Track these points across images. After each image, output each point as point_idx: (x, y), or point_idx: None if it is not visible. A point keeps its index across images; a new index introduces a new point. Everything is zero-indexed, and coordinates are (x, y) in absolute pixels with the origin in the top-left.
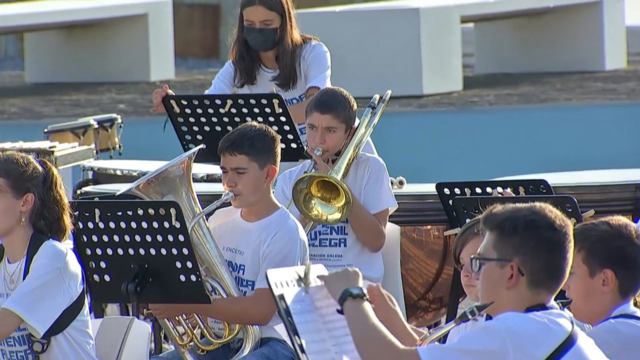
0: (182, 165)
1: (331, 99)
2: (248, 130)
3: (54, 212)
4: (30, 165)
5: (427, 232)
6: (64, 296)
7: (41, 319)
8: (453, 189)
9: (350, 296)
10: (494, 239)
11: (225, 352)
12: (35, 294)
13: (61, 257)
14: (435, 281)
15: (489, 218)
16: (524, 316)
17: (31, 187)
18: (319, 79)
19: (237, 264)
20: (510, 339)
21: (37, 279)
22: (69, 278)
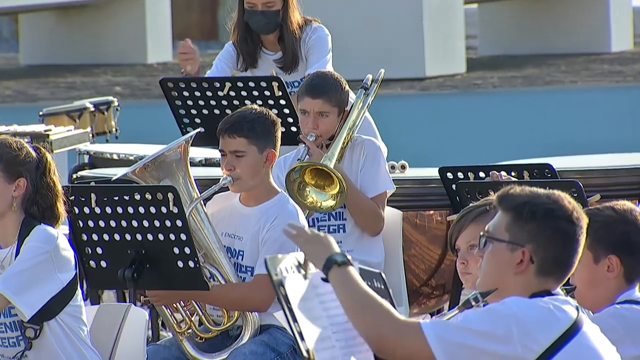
0: (179, 149)
1: (322, 83)
2: (248, 112)
3: (47, 199)
4: (24, 150)
5: (430, 217)
6: (54, 281)
7: (28, 302)
8: (456, 173)
9: (336, 264)
10: (509, 221)
11: (224, 339)
12: (23, 276)
13: (52, 241)
14: (438, 267)
15: (506, 198)
16: (529, 301)
17: (24, 172)
18: (319, 65)
19: (236, 250)
20: (516, 324)
21: (26, 261)
22: (60, 262)
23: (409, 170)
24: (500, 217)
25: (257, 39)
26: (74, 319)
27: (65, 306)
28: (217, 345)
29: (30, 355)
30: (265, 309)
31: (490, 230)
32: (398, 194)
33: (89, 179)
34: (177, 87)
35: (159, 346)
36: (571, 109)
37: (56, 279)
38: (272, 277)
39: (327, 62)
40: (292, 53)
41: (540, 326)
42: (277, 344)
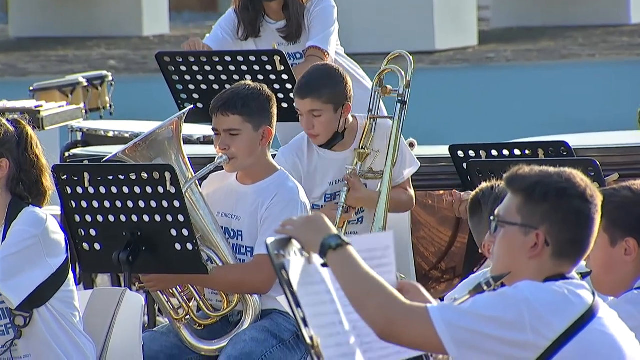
0: (172, 127)
1: (309, 82)
2: (241, 89)
3: (31, 175)
4: (2, 128)
5: (440, 198)
6: (43, 266)
7: (15, 289)
8: (467, 152)
9: (330, 248)
10: (520, 203)
11: (224, 325)
12: (9, 262)
13: (40, 224)
14: (448, 250)
15: (515, 179)
16: (542, 286)
17: (4, 152)
18: (320, 39)
19: (234, 230)
20: (528, 310)
21: (13, 245)
22: (49, 246)
23: (418, 149)
24: (510, 199)
25: (260, 7)
26: (65, 305)
27: (56, 292)
28: (217, 331)
29: (20, 344)
30: (266, 290)
31: (501, 213)
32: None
33: (82, 158)
34: (174, 61)
35: (155, 333)
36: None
37: (45, 264)
38: (274, 261)
39: (329, 37)
40: (296, 22)
41: (554, 311)
42: (280, 330)
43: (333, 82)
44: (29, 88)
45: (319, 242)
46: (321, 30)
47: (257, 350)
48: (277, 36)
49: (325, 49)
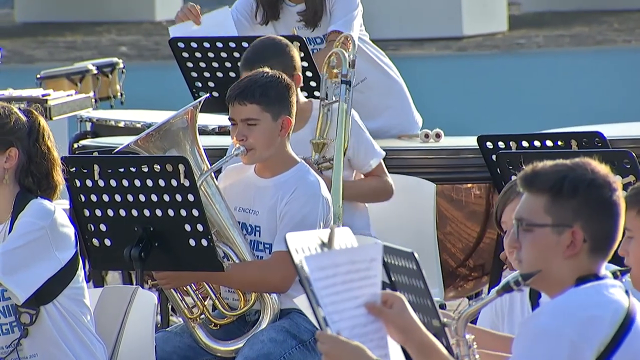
0: (186, 117)
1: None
2: (260, 76)
3: (42, 168)
4: (12, 116)
5: (467, 191)
6: (51, 260)
7: (22, 283)
8: (496, 143)
9: None
10: (546, 202)
11: (241, 325)
12: (15, 255)
13: (48, 215)
14: (477, 246)
15: (536, 178)
16: (578, 301)
17: (14, 141)
18: (343, 23)
19: (252, 226)
20: (568, 347)
21: (19, 238)
22: (58, 239)
23: (444, 139)
24: (533, 199)
25: None
26: (75, 302)
27: (64, 288)
28: (233, 332)
29: (26, 343)
30: (285, 289)
31: (525, 216)
32: (432, 166)
33: (91, 149)
34: (189, 47)
35: (169, 333)
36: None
37: (54, 258)
38: (294, 257)
39: (352, 21)
40: (317, 5)
41: (597, 326)
42: (299, 330)
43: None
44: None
45: None
46: (344, 13)
47: (276, 351)
48: (296, 20)
49: (350, 34)
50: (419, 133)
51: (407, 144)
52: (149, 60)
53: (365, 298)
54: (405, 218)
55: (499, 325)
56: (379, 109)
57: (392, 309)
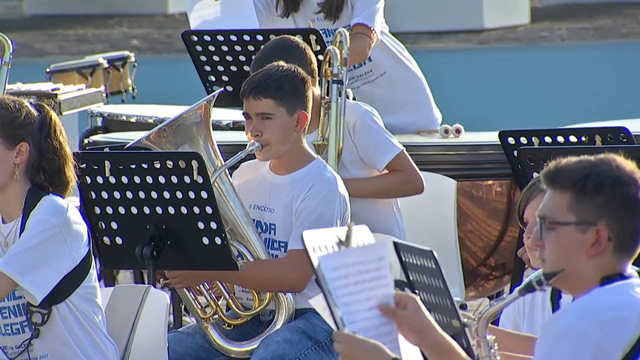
0: (200, 111)
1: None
2: (275, 70)
3: (53, 163)
4: (23, 110)
5: (488, 188)
6: (65, 258)
7: (38, 283)
8: (518, 138)
9: None
10: (570, 199)
11: (255, 326)
12: (30, 254)
13: (61, 213)
14: (498, 245)
15: (559, 175)
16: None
17: (25, 135)
18: (366, 15)
19: (267, 224)
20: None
21: (33, 237)
22: (71, 237)
23: (465, 135)
24: (557, 197)
25: None
26: (87, 302)
27: (77, 287)
28: (247, 332)
29: (37, 343)
30: (300, 288)
31: (548, 214)
32: (452, 162)
33: (102, 145)
34: (202, 40)
35: (181, 334)
36: None
37: (68, 256)
38: (310, 256)
39: (376, 14)
40: None
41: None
42: (315, 330)
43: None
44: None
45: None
46: (367, 6)
47: (291, 352)
48: (315, 11)
49: (371, 26)
50: (439, 128)
51: (427, 139)
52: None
53: (378, 299)
54: (425, 215)
55: (521, 325)
56: (398, 104)
57: (407, 310)
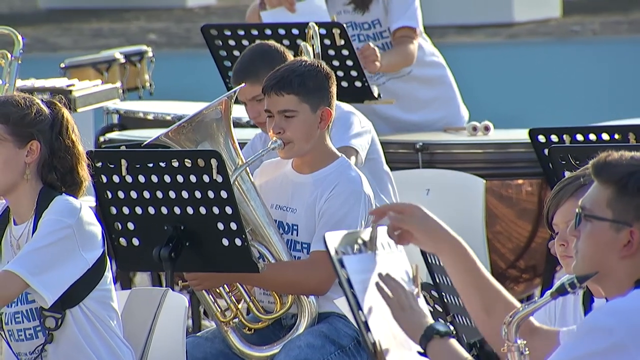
0: (220, 107)
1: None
2: (297, 65)
3: (66, 162)
4: (34, 107)
5: (518, 188)
6: (77, 260)
7: (48, 284)
8: (549, 136)
9: (438, 334)
10: (610, 195)
11: (277, 330)
12: (41, 255)
13: (74, 213)
14: (528, 246)
15: (604, 168)
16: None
17: (36, 133)
18: (408, 16)
19: (289, 224)
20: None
21: (45, 237)
22: (85, 238)
23: (494, 133)
24: (599, 190)
25: None
26: (102, 305)
27: (91, 290)
28: (268, 336)
29: (51, 349)
30: (323, 291)
31: (588, 206)
32: (480, 160)
33: (118, 143)
34: (222, 34)
35: (200, 338)
36: None
37: (80, 258)
38: (332, 257)
39: (417, 9)
40: None
41: None
42: (338, 335)
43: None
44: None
45: (425, 325)
46: (405, 7)
47: (313, 357)
48: (346, 2)
49: (416, 27)
50: (467, 126)
51: (454, 137)
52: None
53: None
54: (452, 216)
55: None
56: (424, 101)
57: (415, 216)
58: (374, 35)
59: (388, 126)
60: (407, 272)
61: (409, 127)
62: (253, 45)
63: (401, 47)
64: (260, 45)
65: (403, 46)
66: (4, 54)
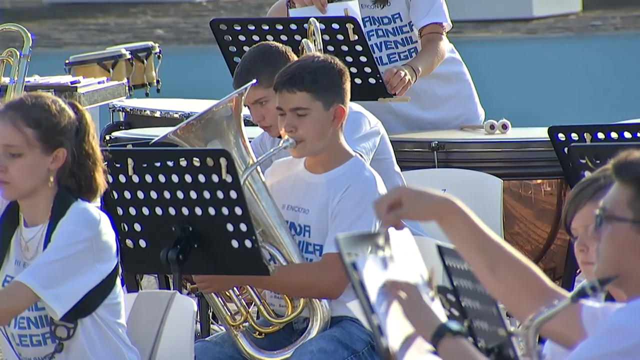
0: (231, 104)
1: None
2: (310, 61)
3: (85, 169)
4: (65, 114)
5: (537, 188)
6: (92, 272)
7: (60, 297)
8: (569, 134)
9: (450, 332)
10: (631, 195)
11: (288, 334)
12: (56, 267)
13: (93, 225)
14: (547, 248)
15: (625, 167)
16: None
17: (64, 142)
18: (435, 12)
19: (301, 225)
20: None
21: (62, 249)
22: (101, 250)
23: (512, 131)
24: (620, 190)
25: None
26: (111, 312)
27: (104, 299)
28: (280, 341)
29: (59, 358)
30: (336, 294)
31: (608, 207)
32: (498, 159)
33: (124, 141)
34: (232, 29)
35: (209, 343)
36: None
37: (95, 271)
38: (344, 259)
39: (442, 4)
40: None
41: None
42: (352, 340)
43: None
44: (65, 61)
45: (436, 323)
46: (431, 1)
47: None
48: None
49: (443, 22)
50: (484, 124)
51: (471, 135)
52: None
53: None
54: None
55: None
56: (440, 98)
57: (406, 205)
58: (393, 30)
59: (403, 124)
60: (422, 274)
61: (425, 125)
62: (254, 47)
63: (432, 45)
64: (261, 46)
65: (434, 44)
66: (13, 52)
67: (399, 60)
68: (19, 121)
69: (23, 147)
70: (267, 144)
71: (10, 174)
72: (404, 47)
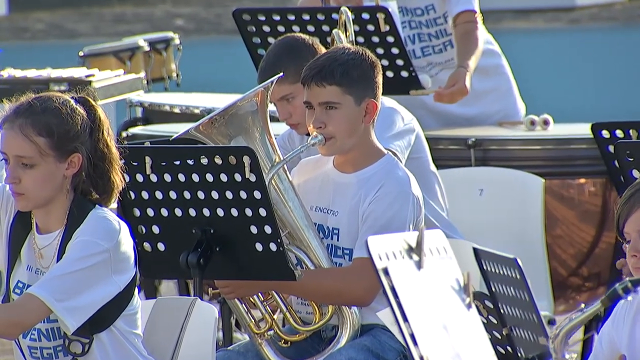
0: (256, 99)
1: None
2: (340, 54)
3: (101, 171)
4: (77, 117)
5: (580, 188)
6: (109, 285)
7: (73, 312)
8: (614, 131)
9: None
10: None
11: (315, 343)
12: (71, 280)
13: (113, 236)
14: (591, 252)
15: None
16: None
17: (79, 147)
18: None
19: (330, 228)
20: None
21: (78, 260)
22: (119, 262)
23: (553, 127)
24: None
25: None
26: (127, 323)
27: (122, 311)
28: (307, 350)
29: None
30: (367, 301)
31: None
32: (539, 158)
33: (142, 138)
34: (256, 20)
35: (231, 352)
36: None
37: (111, 283)
38: (376, 264)
39: None
40: None
41: None
42: (383, 349)
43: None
44: (79, 53)
45: None
46: None
47: None
48: None
49: (474, 9)
50: (524, 120)
51: (510, 132)
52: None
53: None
54: (508, 218)
55: (618, 342)
56: (478, 93)
57: None
58: (427, 22)
59: (437, 120)
60: (457, 280)
61: (461, 122)
62: (279, 39)
63: (471, 35)
64: (287, 39)
65: (472, 34)
66: None
67: (433, 54)
68: (29, 130)
69: (36, 158)
70: (296, 140)
71: (24, 186)
72: (437, 40)
